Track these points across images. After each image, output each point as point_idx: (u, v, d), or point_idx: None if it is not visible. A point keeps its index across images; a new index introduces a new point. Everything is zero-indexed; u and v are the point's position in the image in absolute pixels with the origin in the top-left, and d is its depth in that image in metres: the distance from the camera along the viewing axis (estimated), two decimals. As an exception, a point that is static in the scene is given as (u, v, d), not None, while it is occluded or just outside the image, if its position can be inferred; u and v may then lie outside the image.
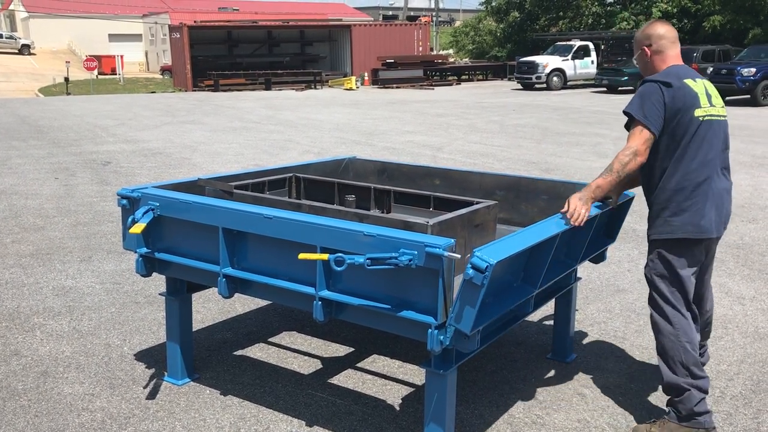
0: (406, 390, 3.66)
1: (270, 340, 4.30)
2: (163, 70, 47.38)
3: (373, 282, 2.77)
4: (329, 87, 33.62)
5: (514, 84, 31.55)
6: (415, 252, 2.56)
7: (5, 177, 9.71)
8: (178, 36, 34.56)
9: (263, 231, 3.01)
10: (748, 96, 20.51)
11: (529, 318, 4.21)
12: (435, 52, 49.59)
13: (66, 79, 35.73)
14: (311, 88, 32.67)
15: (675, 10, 34.57)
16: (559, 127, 15.50)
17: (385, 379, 3.78)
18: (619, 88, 26.29)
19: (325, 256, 2.77)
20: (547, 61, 29.27)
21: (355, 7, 73.91)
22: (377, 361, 3.99)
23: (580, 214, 3.09)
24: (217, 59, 36.57)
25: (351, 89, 31.27)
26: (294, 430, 3.27)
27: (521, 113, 19.02)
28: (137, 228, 3.25)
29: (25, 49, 57.16)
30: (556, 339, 4.03)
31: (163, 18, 52.38)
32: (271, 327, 4.50)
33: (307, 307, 2.96)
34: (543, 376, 3.83)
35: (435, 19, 62.02)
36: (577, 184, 3.93)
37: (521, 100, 23.65)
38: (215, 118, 18.37)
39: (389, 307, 2.73)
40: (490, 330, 3.03)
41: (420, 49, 39.35)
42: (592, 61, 30.13)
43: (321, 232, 2.83)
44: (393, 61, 34.84)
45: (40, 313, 4.72)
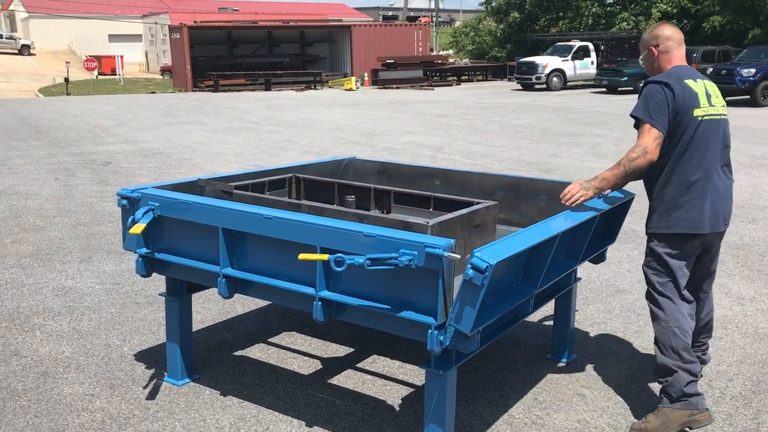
0: (406, 390, 3.66)
1: (270, 340, 4.30)
2: (163, 71, 47.39)
3: (373, 282, 2.77)
4: (329, 87, 33.63)
5: (514, 84, 31.56)
6: (415, 252, 2.56)
7: (5, 177, 9.71)
8: (178, 36, 34.57)
9: (263, 231, 3.01)
10: (748, 96, 20.52)
11: (529, 318, 4.21)
12: (435, 53, 49.62)
13: (66, 79, 35.74)
14: (311, 89, 32.67)
15: (675, 10, 34.57)
16: (559, 128, 15.50)
17: (385, 380, 3.78)
18: (619, 89, 26.29)
19: (325, 257, 2.77)
20: (546, 62, 29.27)
21: (355, 8, 73.95)
22: (377, 362, 3.99)
23: (573, 195, 3.22)
24: (217, 60, 36.59)
25: (351, 90, 31.28)
26: (294, 431, 3.27)
27: (521, 114, 19.02)
28: (137, 228, 3.25)
29: (25, 50, 57.18)
30: (556, 339, 4.03)
31: (163, 18, 52.38)
32: (271, 327, 4.50)
33: (307, 307, 2.96)
34: (543, 376, 3.83)
35: (435, 19, 62.07)
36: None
37: (521, 101, 23.65)
38: (215, 118, 18.37)
39: (389, 307, 2.74)
40: (490, 330, 3.03)
41: (420, 49, 39.37)
42: (592, 62, 30.12)
43: (321, 232, 2.83)
44: (393, 61, 34.84)
45: (40, 314, 4.72)
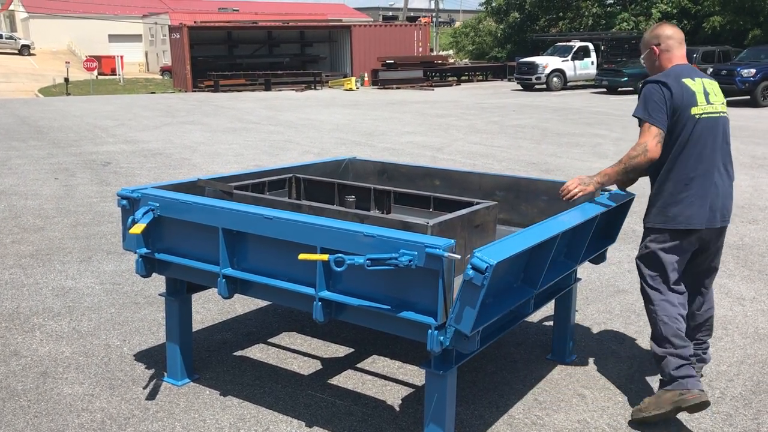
0: (406, 391, 3.66)
1: (270, 340, 4.30)
2: (163, 71, 47.39)
3: (373, 282, 2.77)
4: (329, 88, 33.64)
5: (514, 85, 31.56)
6: (415, 252, 2.56)
7: (5, 177, 9.71)
8: (178, 36, 34.58)
9: (263, 231, 3.01)
10: (748, 97, 20.52)
11: (529, 319, 4.21)
12: (435, 53, 49.63)
13: (66, 79, 35.73)
14: (311, 89, 32.67)
15: (675, 11, 34.59)
16: (559, 128, 15.50)
17: (385, 380, 3.77)
18: (619, 89, 26.30)
19: (325, 257, 2.77)
20: (546, 62, 29.28)
21: (355, 8, 73.93)
22: (377, 362, 3.99)
23: (571, 191, 3.36)
24: (217, 60, 36.60)
25: (351, 90, 31.29)
26: (294, 431, 3.27)
27: (521, 114, 19.02)
28: (137, 228, 3.25)
29: (24, 50, 57.18)
30: (556, 340, 4.03)
31: (163, 18, 52.37)
32: (271, 328, 4.50)
33: (307, 307, 2.96)
34: (543, 376, 3.83)
35: (435, 19, 62.05)
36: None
37: (521, 101, 23.66)
38: (215, 118, 18.37)
39: (389, 307, 2.73)
40: (490, 331, 3.03)
41: (420, 49, 39.39)
42: (592, 62, 30.13)
43: (321, 232, 2.83)
44: (393, 61, 34.85)
45: (39, 314, 4.72)
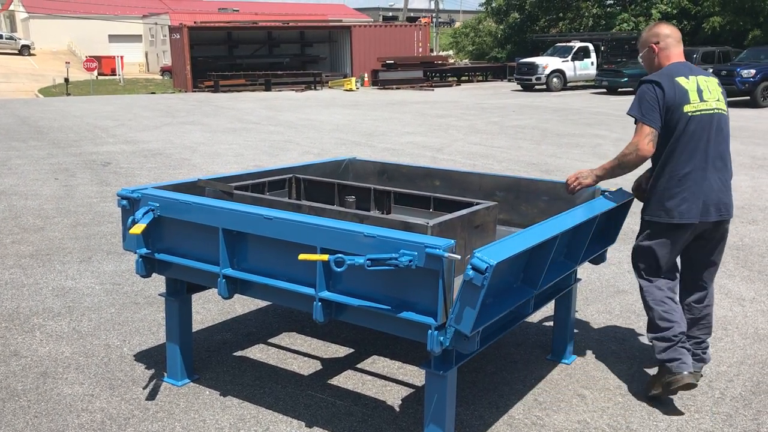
0: (406, 391, 3.66)
1: (270, 341, 4.30)
2: (163, 71, 47.39)
3: (373, 283, 2.77)
4: (329, 88, 33.64)
5: (514, 85, 31.57)
6: (415, 253, 2.56)
7: (5, 177, 9.71)
8: (178, 37, 34.58)
9: (263, 232, 3.01)
10: (748, 97, 20.51)
11: (528, 319, 4.21)
12: (435, 53, 49.63)
13: (66, 79, 35.73)
14: (311, 89, 32.68)
15: (675, 11, 34.60)
16: (559, 129, 15.50)
17: (385, 380, 3.77)
18: (619, 90, 26.29)
19: (325, 257, 2.77)
20: (546, 63, 29.28)
21: (355, 8, 73.95)
22: (377, 362, 3.99)
23: (570, 184, 3.62)
24: (217, 60, 36.60)
25: (351, 90, 31.30)
26: (294, 431, 3.27)
27: (521, 114, 19.03)
28: (137, 229, 3.25)
29: (25, 50, 57.18)
30: (555, 340, 4.03)
31: (163, 19, 52.38)
32: (271, 328, 4.50)
33: (307, 308, 2.96)
34: (543, 377, 3.83)
35: (435, 20, 62.07)
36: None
37: (521, 101, 23.66)
38: (215, 119, 18.38)
39: (389, 308, 2.73)
40: (490, 331, 3.03)
41: (420, 50, 39.39)
42: (592, 63, 30.13)
43: (321, 232, 2.83)
44: (393, 62, 34.85)
45: (39, 314, 4.72)
